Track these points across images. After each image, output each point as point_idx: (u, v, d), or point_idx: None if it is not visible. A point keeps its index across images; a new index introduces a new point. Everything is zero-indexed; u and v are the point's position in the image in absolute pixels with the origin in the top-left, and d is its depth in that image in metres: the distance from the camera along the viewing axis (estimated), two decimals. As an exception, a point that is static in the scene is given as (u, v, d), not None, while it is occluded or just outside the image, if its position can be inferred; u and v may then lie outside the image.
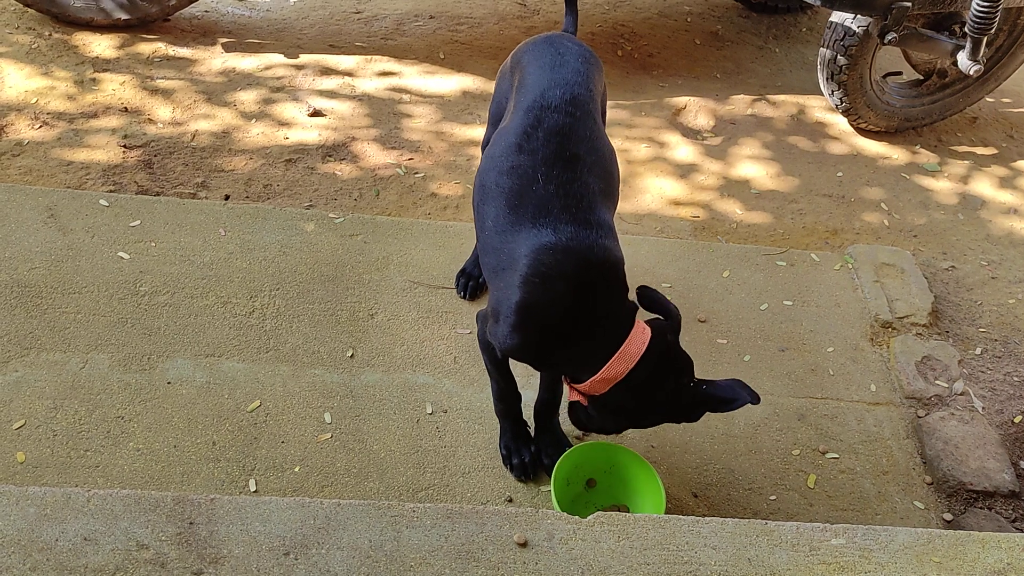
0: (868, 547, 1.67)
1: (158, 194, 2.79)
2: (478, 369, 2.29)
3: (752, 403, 1.77)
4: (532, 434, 2.12)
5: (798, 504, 2.14)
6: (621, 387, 1.75)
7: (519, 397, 2.09)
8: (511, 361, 2.01)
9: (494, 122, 2.16)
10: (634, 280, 1.88)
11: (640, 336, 1.76)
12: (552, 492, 1.95)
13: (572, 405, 1.93)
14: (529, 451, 2.08)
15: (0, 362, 2.11)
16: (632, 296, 1.85)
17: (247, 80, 3.32)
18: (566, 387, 2.03)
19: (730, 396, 1.78)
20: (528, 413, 2.14)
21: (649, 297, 1.85)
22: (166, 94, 3.19)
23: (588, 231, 1.73)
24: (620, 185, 2.01)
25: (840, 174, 3.41)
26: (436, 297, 2.46)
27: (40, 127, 2.97)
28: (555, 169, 1.78)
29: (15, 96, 3.07)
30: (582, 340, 1.75)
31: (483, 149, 2.22)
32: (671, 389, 1.79)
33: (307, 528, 1.57)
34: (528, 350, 1.79)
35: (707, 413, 1.85)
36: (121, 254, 2.41)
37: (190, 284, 2.37)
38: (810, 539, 1.68)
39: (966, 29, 3.04)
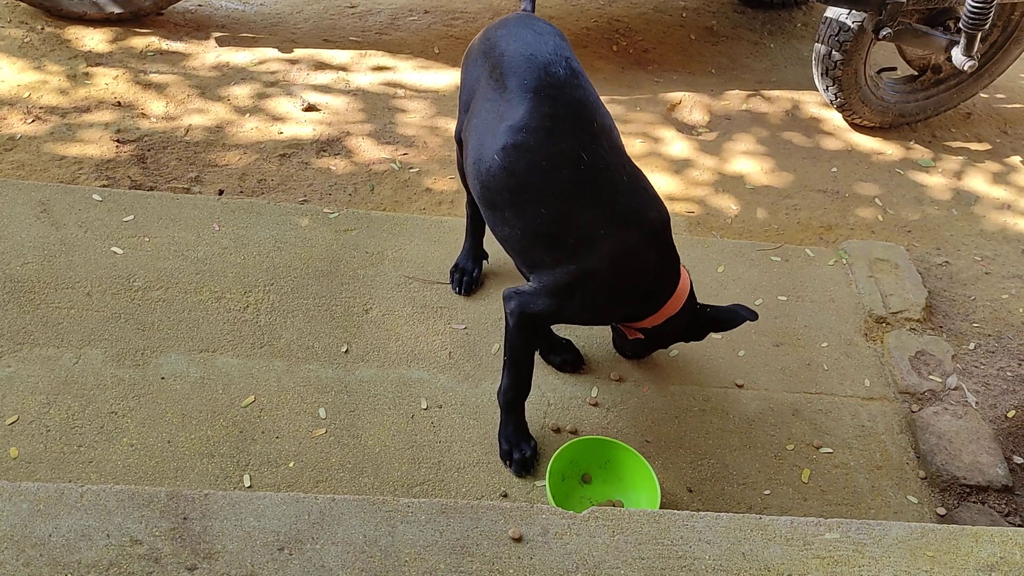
0: (862, 541, 1.68)
1: (151, 189, 2.78)
2: (473, 364, 2.28)
3: (751, 319, 2.05)
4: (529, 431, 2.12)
5: (792, 498, 2.14)
6: (673, 319, 2.01)
7: (529, 389, 2.08)
8: None
9: (465, 108, 2.09)
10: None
11: (685, 275, 2.01)
12: (547, 487, 1.95)
13: (620, 339, 2.24)
14: (529, 446, 2.08)
15: (-7, 357, 2.10)
16: None
17: (241, 74, 3.31)
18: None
19: (730, 317, 2.05)
20: (531, 411, 2.14)
21: None
22: (159, 88, 3.18)
23: (647, 195, 1.90)
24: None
25: (834, 170, 3.41)
26: (431, 292, 2.45)
27: (32, 121, 2.95)
28: (592, 145, 1.83)
29: (7, 90, 3.05)
30: (653, 290, 1.97)
31: (457, 138, 2.17)
32: (693, 312, 2.06)
33: (301, 523, 1.57)
34: (614, 316, 2.05)
35: (704, 411, 1.89)
36: (114, 249, 2.40)
37: (184, 279, 2.36)
38: (804, 533, 1.68)
39: (960, 25, 3.05)
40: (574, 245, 1.83)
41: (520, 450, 2.06)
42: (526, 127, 1.81)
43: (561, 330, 2.36)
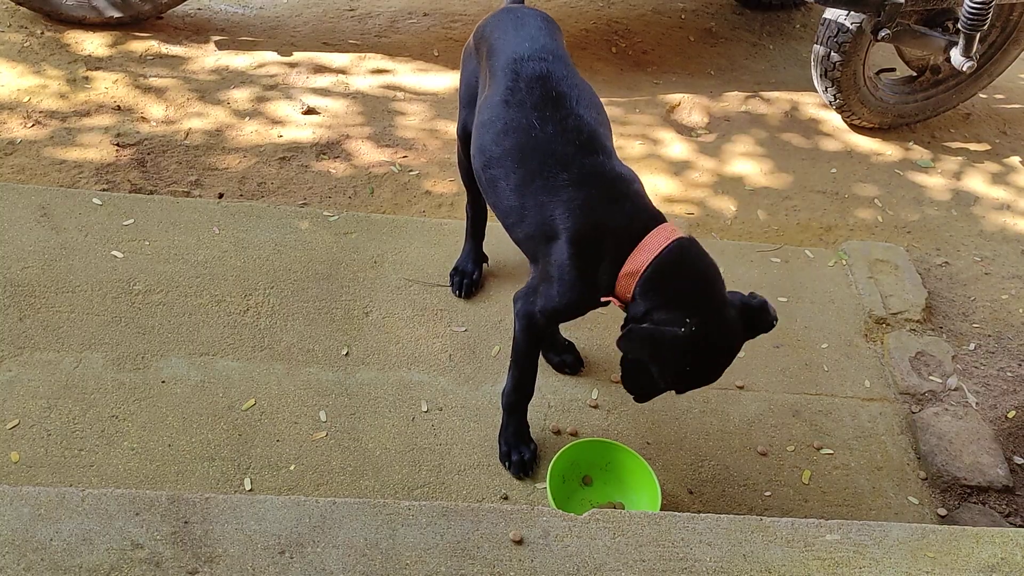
0: (862, 542, 1.68)
1: (151, 192, 2.78)
2: (473, 367, 2.29)
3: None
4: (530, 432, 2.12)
5: (793, 500, 2.14)
6: (640, 285, 1.72)
7: (532, 393, 2.08)
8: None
9: (465, 104, 2.14)
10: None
11: (650, 245, 1.73)
12: (548, 489, 1.95)
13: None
14: (529, 448, 2.08)
15: (-7, 362, 2.11)
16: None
17: (240, 78, 3.31)
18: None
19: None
20: (532, 413, 2.13)
21: None
22: (159, 92, 3.18)
23: (596, 156, 1.79)
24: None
25: (834, 170, 3.42)
26: (431, 295, 2.45)
27: (33, 126, 2.96)
28: (547, 111, 1.82)
29: (7, 95, 3.05)
30: (622, 239, 1.76)
31: (459, 137, 2.21)
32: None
33: (302, 527, 1.57)
34: (587, 277, 1.78)
35: (705, 412, 1.85)
36: (115, 253, 2.40)
37: (184, 283, 2.36)
38: (805, 535, 1.68)
39: (959, 25, 3.05)
40: (535, 217, 1.80)
41: (519, 452, 2.06)
42: (490, 103, 1.88)
43: (563, 331, 2.36)
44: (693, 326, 1.64)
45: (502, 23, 2.04)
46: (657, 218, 1.79)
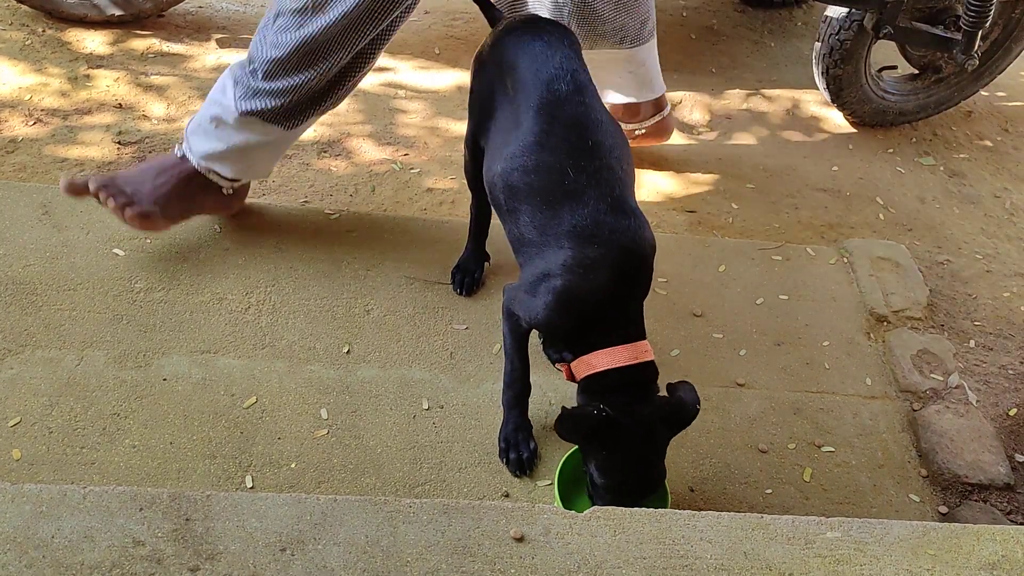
0: (864, 540, 1.68)
1: (153, 191, 2.78)
2: (474, 365, 2.29)
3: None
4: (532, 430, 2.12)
5: (794, 498, 2.14)
6: (592, 379, 1.84)
7: (529, 389, 2.08)
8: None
9: (475, 114, 2.12)
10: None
11: (627, 353, 1.83)
12: (555, 487, 1.95)
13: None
14: (528, 447, 2.08)
15: (-5, 359, 2.11)
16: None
17: (242, 76, 3.31)
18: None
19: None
20: (532, 411, 2.13)
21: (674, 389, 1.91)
22: (160, 90, 3.18)
23: (626, 220, 1.82)
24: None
25: (835, 168, 3.41)
26: (432, 293, 2.45)
27: (34, 124, 2.96)
28: (581, 160, 1.82)
29: (9, 93, 3.06)
30: (607, 325, 1.83)
31: (466, 146, 2.21)
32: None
33: (303, 524, 1.57)
34: (558, 329, 1.89)
35: (706, 410, 1.85)
36: (116, 251, 2.40)
37: (185, 280, 2.36)
38: (806, 532, 1.68)
39: (961, 23, 3.05)
40: (548, 250, 1.84)
41: (517, 450, 2.07)
42: (522, 140, 1.87)
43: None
44: (605, 411, 1.78)
45: (530, 46, 1.96)
46: (641, 334, 1.88)
